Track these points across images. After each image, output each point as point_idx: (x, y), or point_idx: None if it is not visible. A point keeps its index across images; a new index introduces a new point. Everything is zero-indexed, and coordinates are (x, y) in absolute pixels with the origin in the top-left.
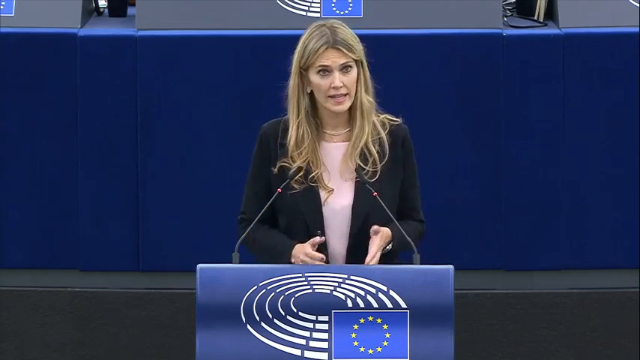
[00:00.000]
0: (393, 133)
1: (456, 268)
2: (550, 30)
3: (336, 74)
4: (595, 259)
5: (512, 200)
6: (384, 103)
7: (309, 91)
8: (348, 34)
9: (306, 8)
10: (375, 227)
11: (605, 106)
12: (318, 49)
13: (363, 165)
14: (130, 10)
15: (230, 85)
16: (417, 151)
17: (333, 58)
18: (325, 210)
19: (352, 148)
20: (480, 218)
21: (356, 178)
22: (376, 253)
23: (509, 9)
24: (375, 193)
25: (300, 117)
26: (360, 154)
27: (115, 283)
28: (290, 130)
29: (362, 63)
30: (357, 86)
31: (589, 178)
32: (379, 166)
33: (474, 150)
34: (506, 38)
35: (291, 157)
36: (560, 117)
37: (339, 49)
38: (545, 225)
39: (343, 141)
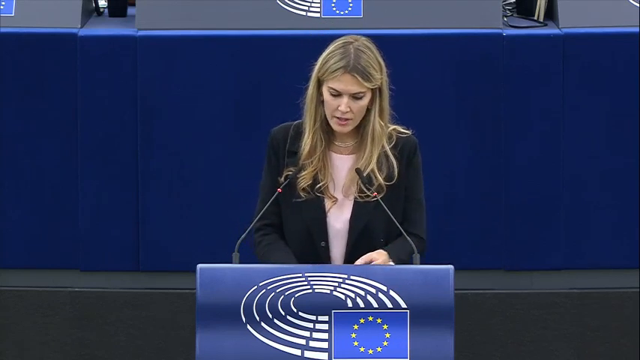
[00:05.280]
0: (399, 146)
1: (456, 268)
2: (550, 30)
3: (345, 100)
4: (595, 259)
5: (512, 200)
6: None
7: (322, 100)
8: (372, 61)
9: (306, 8)
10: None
11: (605, 106)
12: (335, 71)
13: (367, 187)
14: (130, 10)
15: (230, 84)
16: None
17: (346, 85)
18: (329, 219)
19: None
20: (480, 218)
21: (355, 197)
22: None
23: (509, 9)
24: (375, 194)
25: (316, 126)
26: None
27: (115, 283)
28: (305, 137)
29: (380, 90)
30: (371, 112)
31: (589, 178)
32: (384, 187)
33: (474, 150)
34: (506, 38)
35: (302, 166)
36: (560, 117)
37: (354, 77)
38: (545, 225)
39: (351, 153)
